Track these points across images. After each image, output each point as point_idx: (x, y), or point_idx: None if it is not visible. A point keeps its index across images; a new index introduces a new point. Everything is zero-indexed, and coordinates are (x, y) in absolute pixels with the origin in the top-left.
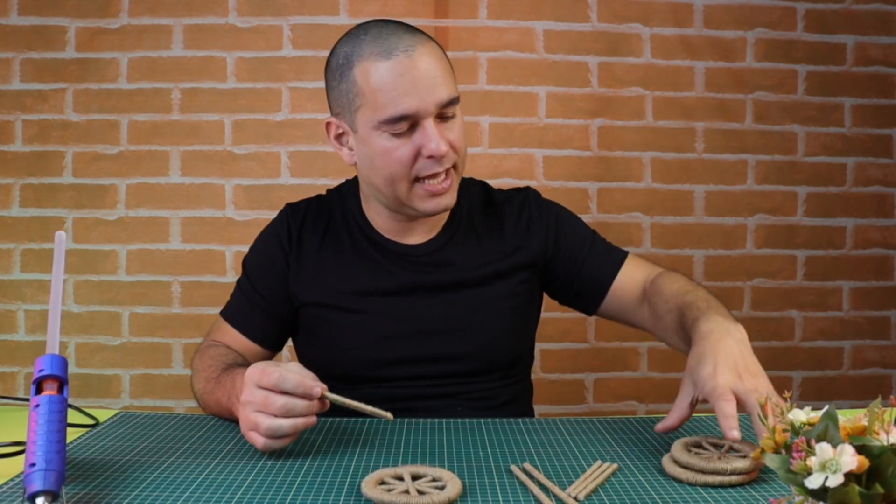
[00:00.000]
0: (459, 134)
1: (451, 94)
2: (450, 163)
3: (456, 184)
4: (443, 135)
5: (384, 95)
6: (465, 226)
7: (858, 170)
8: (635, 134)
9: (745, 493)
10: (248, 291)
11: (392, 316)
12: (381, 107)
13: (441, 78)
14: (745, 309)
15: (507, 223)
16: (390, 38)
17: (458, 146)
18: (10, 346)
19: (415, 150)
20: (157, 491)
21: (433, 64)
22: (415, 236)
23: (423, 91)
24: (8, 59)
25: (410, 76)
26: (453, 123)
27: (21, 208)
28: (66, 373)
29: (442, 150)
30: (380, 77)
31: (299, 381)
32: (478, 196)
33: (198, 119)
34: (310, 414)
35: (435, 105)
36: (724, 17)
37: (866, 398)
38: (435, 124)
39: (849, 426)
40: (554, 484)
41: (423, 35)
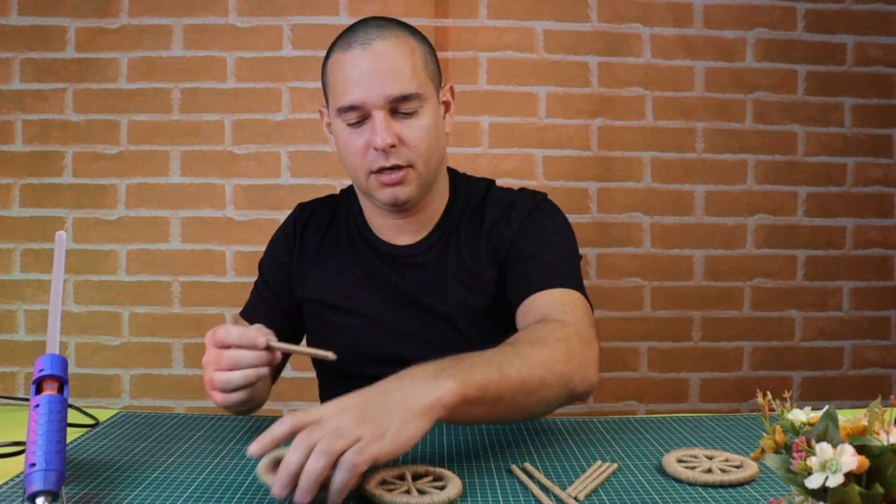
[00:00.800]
0: (420, 133)
1: (403, 90)
2: (399, 159)
3: (413, 181)
4: (391, 129)
5: (339, 85)
6: (451, 228)
7: (858, 170)
8: (635, 134)
9: (745, 493)
10: (262, 289)
11: (385, 317)
12: (336, 96)
13: (394, 73)
14: (745, 309)
15: (485, 226)
16: (357, 32)
17: (415, 145)
18: (10, 346)
19: (366, 143)
20: (157, 491)
21: (388, 58)
22: (405, 236)
23: (370, 83)
24: (8, 59)
25: (361, 69)
26: (415, 121)
27: (21, 208)
28: (66, 373)
29: (382, 142)
30: (338, 68)
31: (242, 333)
32: (477, 196)
33: (198, 119)
34: (259, 364)
35: (383, 98)
36: (724, 17)
37: (866, 398)
38: (387, 118)
39: (849, 426)
40: (554, 484)
41: (399, 30)
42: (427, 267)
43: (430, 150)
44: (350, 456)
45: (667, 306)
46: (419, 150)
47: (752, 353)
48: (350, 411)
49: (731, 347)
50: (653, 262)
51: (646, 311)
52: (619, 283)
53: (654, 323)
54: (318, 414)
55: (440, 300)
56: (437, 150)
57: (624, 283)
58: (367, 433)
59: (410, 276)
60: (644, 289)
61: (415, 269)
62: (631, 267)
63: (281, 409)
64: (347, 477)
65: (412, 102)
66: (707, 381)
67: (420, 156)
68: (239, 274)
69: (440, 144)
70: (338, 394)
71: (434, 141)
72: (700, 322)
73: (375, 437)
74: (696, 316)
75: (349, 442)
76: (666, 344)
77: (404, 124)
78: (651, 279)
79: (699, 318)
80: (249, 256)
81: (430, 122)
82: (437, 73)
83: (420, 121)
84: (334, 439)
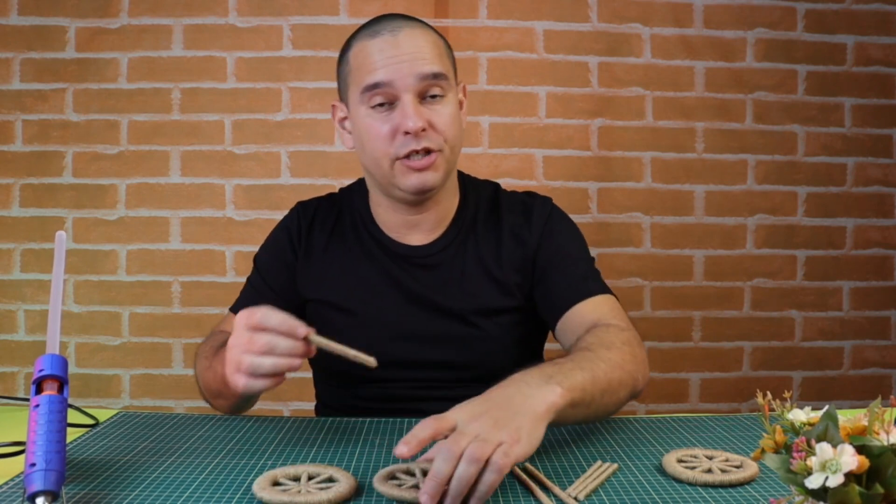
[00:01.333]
0: (447, 119)
1: (433, 69)
2: (430, 143)
3: (441, 166)
4: (421, 113)
5: (366, 67)
6: (467, 229)
7: (858, 170)
8: (635, 134)
9: (745, 493)
10: (258, 285)
11: (391, 318)
12: (362, 78)
13: (423, 53)
14: (745, 309)
15: (504, 230)
16: (382, 22)
17: (443, 130)
18: (10, 346)
19: (393, 128)
20: (157, 491)
21: (417, 41)
22: (418, 236)
23: (401, 63)
24: (8, 59)
25: (391, 51)
26: (441, 107)
27: (21, 208)
28: (66, 373)
29: (415, 125)
30: (365, 52)
31: (283, 319)
32: (486, 199)
33: (198, 119)
34: (293, 355)
35: (413, 77)
36: (724, 17)
37: (866, 398)
38: (415, 102)
39: (849, 426)
40: (554, 484)
41: (419, 22)
42: (442, 267)
43: (456, 137)
44: (498, 458)
45: (667, 306)
46: (447, 136)
47: (752, 353)
48: (484, 418)
49: (731, 347)
50: (653, 262)
51: (646, 311)
52: (619, 283)
53: (654, 323)
54: (453, 420)
55: (456, 300)
56: (460, 140)
57: (624, 283)
58: (507, 437)
59: (424, 276)
60: (644, 289)
61: (429, 270)
62: (631, 267)
63: (281, 410)
64: (496, 478)
65: (440, 82)
66: (707, 381)
67: (448, 141)
68: (239, 274)
69: (461, 135)
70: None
71: (459, 129)
72: (700, 322)
73: (514, 441)
74: (696, 316)
75: (493, 447)
76: (666, 344)
77: (432, 110)
78: (651, 279)
79: (699, 318)
80: (249, 256)
81: (455, 110)
82: (456, 69)
83: (446, 107)
84: (482, 445)
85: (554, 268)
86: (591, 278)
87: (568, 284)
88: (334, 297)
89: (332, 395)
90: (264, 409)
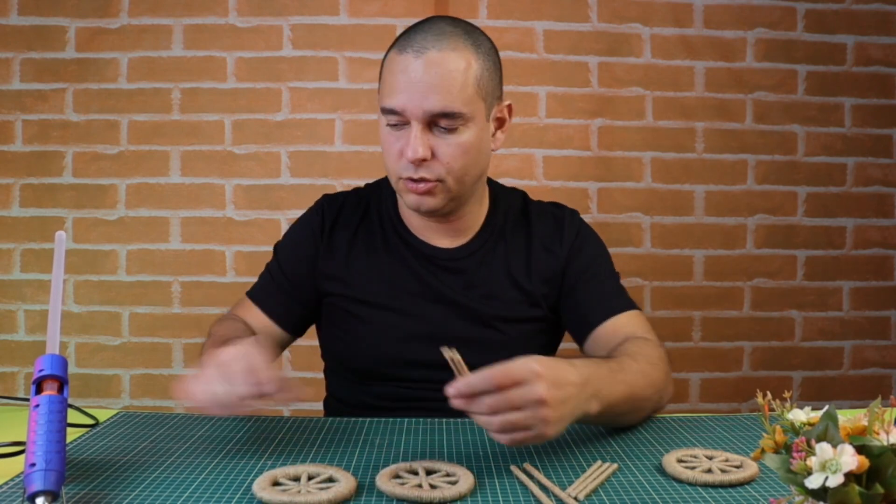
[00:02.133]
0: (456, 152)
1: (444, 107)
2: (428, 173)
3: (441, 194)
4: (425, 143)
5: (386, 86)
6: (496, 236)
7: (858, 170)
8: (635, 134)
9: (745, 493)
10: (276, 273)
11: (413, 317)
12: (382, 96)
13: (441, 87)
14: (745, 309)
15: (534, 240)
16: (416, 35)
17: (448, 161)
18: (10, 346)
19: (400, 149)
20: (157, 491)
21: (438, 72)
22: (445, 238)
23: (413, 93)
24: (8, 59)
25: (407, 75)
26: (453, 138)
27: (21, 208)
28: (66, 373)
29: (413, 155)
30: (388, 69)
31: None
32: (515, 207)
33: (198, 119)
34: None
35: (421, 111)
36: (724, 17)
37: (866, 398)
38: (424, 131)
39: (849, 426)
40: (554, 484)
41: (460, 41)
42: (469, 272)
43: (465, 167)
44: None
45: (667, 306)
46: (451, 167)
47: (752, 353)
48: (550, 408)
49: (731, 347)
50: (653, 262)
51: (646, 311)
52: None
53: (653, 323)
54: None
55: (480, 304)
56: (475, 168)
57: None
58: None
59: (449, 278)
60: (644, 289)
61: (455, 273)
62: (631, 267)
63: (281, 410)
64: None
65: (453, 120)
66: (707, 381)
67: (451, 172)
68: (239, 274)
69: (479, 162)
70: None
71: (472, 159)
72: (700, 322)
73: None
74: (696, 316)
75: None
76: (666, 344)
77: (441, 139)
78: (651, 279)
79: (699, 318)
80: (249, 256)
81: (470, 141)
82: (493, 89)
83: (459, 138)
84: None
85: (584, 283)
86: (621, 294)
87: (600, 300)
88: (356, 291)
89: (344, 390)
90: (264, 410)
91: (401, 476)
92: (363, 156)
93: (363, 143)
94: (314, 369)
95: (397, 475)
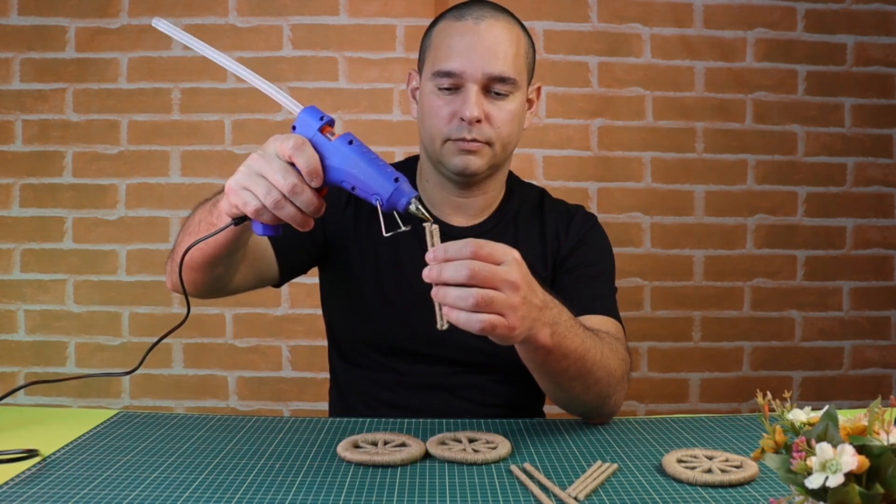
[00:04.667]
0: (506, 117)
1: (503, 71)
2: (481, 135)
3: (486, 156)
4: (481, 104)
5: (442, 50)
6: (509, 220)
7: (858, 170)
8: (635, 134)
9: (745, 493)
10: None
11: (419, 292)
12: (437, 59)
13: (499, 53)
14: (745, 309)
15: (548, 231)
16: (471, 6)
17: (499, 126)
18: (10, 346)
19: (453, 111)
20: (157, 491)
21: (497, 37)
22: (460, 218)
23: (474, 56)
24: (8, 59)
25: (469, 39)
26: (503, 104)
27: (21, 208)
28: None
29: (471, 114)
30: (445, 34)
31: (313, 160)
32: (532, 198)
33: (198, 119)
34: (301, 204)
35: (481, 73)
36: (724, 17)
37: (866, 398)
38: (478, 93)
39: (849, 426)
40: (554, 484)
41: (510, 18)
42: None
43: (511, 135)
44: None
45: (667, 306)
46: (501, 132)
47: (752, 353)
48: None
49: (731, 347)
50: (653, 262)
51: (646, 311)
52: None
53: (654, 323)
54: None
55: None
56: (515, 138)
57: (624, 283)
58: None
59: None
60: (644, 289)
61: None
62: (631, 267)
63: (281, 409)
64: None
65: (506, 85)
66: (707, 381)
67: (500, 137)
68: None
69: (518, 133)
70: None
71: (516, 128)
72: (700, 322)
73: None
74: (696, 316)
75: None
76: (666, 344)
77: (493, 104)
78: (651, 279)
79: (699, 318)
80: None
81: (517, 109)
82: (531, 67)
83: (509, 105)
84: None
85: (576, 276)
86: (607, 299)
87: (582, 296)
88: (369, 262)
89: (346, 376)
90: (264, 410)
91: (446, 443)
92: None
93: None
94: (314, 369)
95: (444, 442)
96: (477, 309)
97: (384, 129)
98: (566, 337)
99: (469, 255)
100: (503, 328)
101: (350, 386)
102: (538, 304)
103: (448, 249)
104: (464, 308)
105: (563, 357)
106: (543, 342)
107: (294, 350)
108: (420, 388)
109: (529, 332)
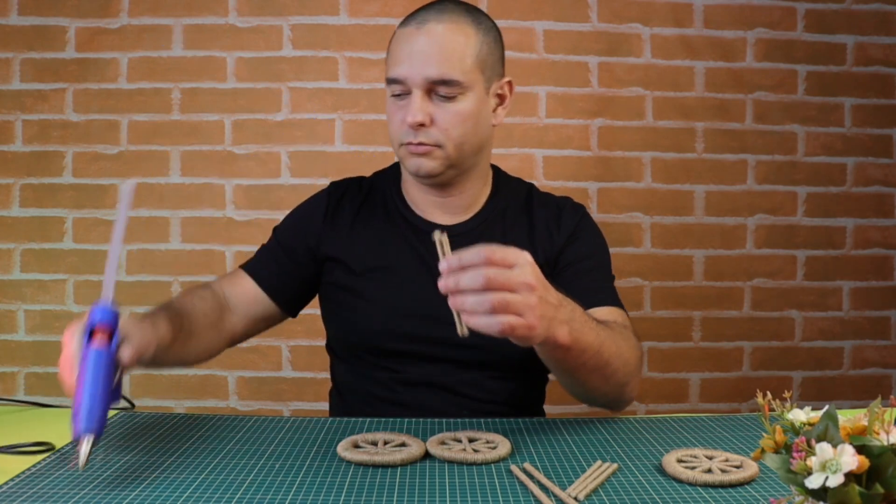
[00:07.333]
0: (453, 119)
1: (442, 74)
2: (426, 138)
3: (439, 158)
4: (424, 109)
5: (391, 58)
6: (496, 217)
7: (858, 170)
8: (635, 134)
9: (745, 493)
10: (273, 248)
11: (407, 292)
12: (388, 67)
13: (438, 56)
14: (745, 309)
15: (537, 225)
16: (420, 11)
17: (446, 128)
18: (10, 346)
19: (402, 117)
20: (157, 491)
21: (437, 41)
22: (445, 215)
23: (413, 62)
24: (8, 59)
25: (409, 46)
26: (450, 106)
27: (21, 208)
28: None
29: (412, 119)
30: (395, 40)
31: None
32: (520, 194)
33: (198, 119)
34: None
35: (421, 77)
36: (724, 17)
37: (866, 398)
38: (423, 98)
39: (849, 426)
40: (554, 484)
41: (460, 16)
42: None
43: (463, 135)
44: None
45: (667, 306)
46: (450, 133)
47: (752, 353)
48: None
49: (731, 347)
50: (653, 262)
51: (646, 311)
52: (619, 283)
53: (654, 323)
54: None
55: None
56: (473, 137)
57: (624, 283)
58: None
59: None
60: (644, 289)
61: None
62: (631, 267)
63: (281, 409)
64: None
65: (450, 87)
66: (707, 381)
67: (451, 139)
68: None
69: (478, 133)
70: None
71: (470, 128)
72: (700, 322)
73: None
74: (696, 316)
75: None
76: (666, 344)
77: (440, 107)
78: (651, 279)
79: (699, 318)
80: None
81: (469, 110)
82: (493, 65)
83: (457, 106)
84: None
85: (574, 271)
86: (609, 292)
87: (583, 291)
88: (355, 265)
89: (345, 377)
90: (264, 410)
91: (446, 443)
92: (363, 156)
93: (363, 143)
94: (314, 369)
95: (444, 442)
96: (494, 312)
97: (384, 129)
98: (583, 332)
99: (483, 261)
100: (523, 328)
101: (350, 386)
102: (554, 302)
103: (462, 259)
104: (482, 312)
105: (581, 352)
106: (562, 340)
107: (294, 350)
108: (419, 387)
109: (548, 331)
